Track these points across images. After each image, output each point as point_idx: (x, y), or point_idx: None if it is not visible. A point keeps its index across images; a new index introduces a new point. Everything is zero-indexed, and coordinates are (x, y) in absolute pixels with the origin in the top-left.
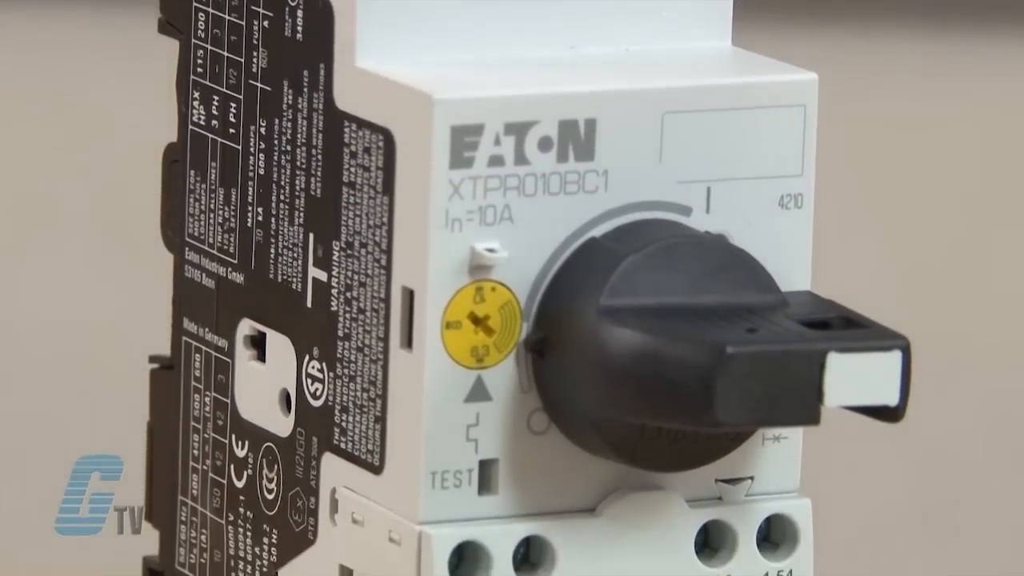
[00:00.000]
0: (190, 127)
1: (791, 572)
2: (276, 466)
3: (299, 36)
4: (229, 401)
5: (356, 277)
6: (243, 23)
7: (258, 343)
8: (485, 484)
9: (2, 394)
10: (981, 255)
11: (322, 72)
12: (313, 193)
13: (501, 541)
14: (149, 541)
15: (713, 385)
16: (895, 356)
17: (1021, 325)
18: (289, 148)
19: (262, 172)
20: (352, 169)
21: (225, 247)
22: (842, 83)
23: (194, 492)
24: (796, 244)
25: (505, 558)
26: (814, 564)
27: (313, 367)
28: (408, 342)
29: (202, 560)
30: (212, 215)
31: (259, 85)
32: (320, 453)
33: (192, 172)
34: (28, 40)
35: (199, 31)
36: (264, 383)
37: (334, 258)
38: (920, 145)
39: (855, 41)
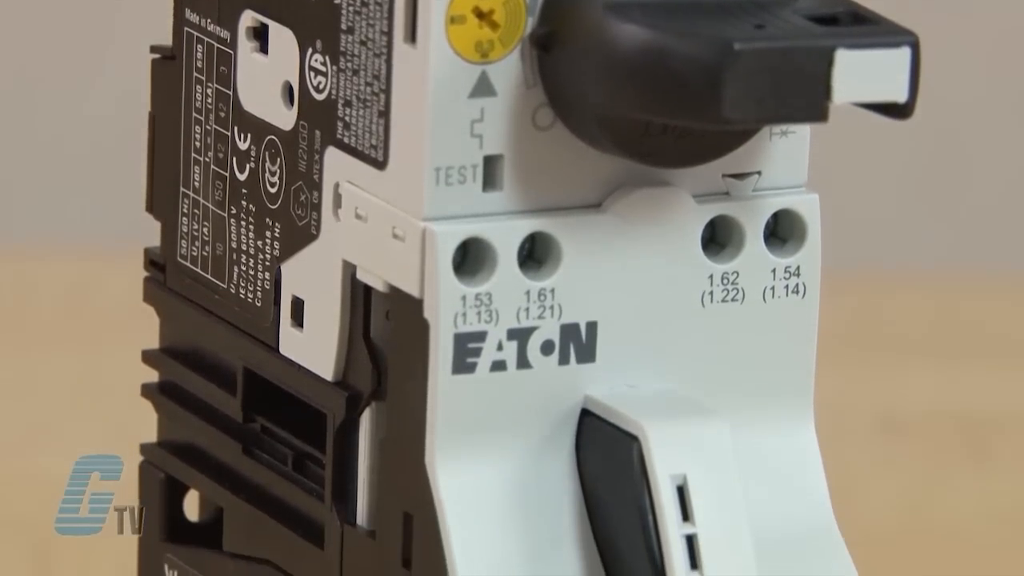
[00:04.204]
0: None
1: (798, 268)
2: (279, 159)
3: None
4: (231, 93)
5: None
6: None
7: (260, 34)
8: (490, 180)
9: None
10: None
11: None
12: None
13: (506, 237)
14: None
15: (720, 82)
16: (904, 52)
17: None
18: None
19: None
20: None
21: None
22: None
23: (196, 184)
24: None
25: (510, 254)
26: (821, 260)
27: (316, 60)
28: (412, 36)
29: (204, 253)
30: None
31: None
32: (323, 147)
33: None
34: None
35: None
36: (266, 75)
37: None
38: None
39: None
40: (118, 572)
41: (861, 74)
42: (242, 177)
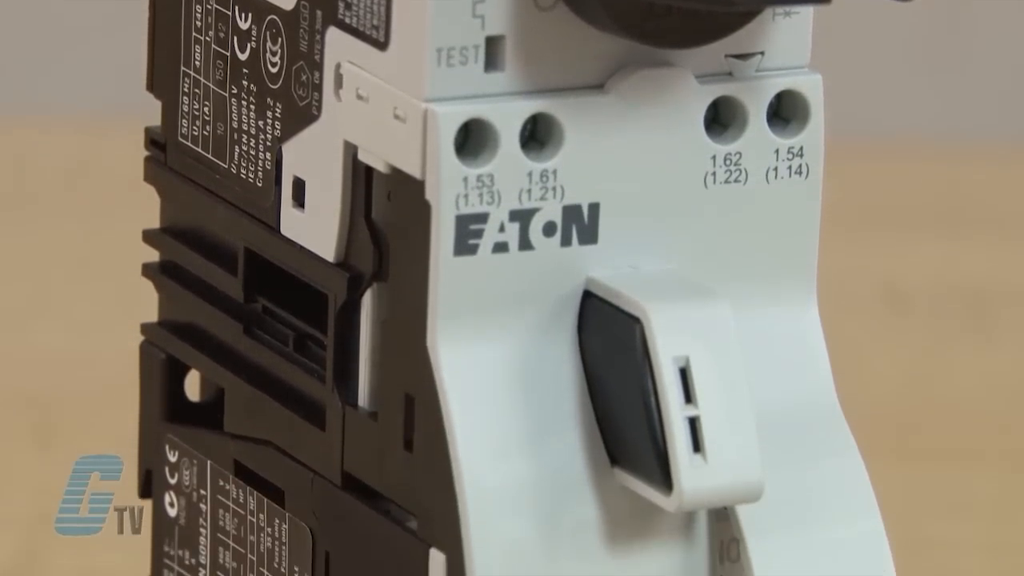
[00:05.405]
0: None
1: (801, 149)
2: (280, 39)
3: None
4: None
5: None
6: None
7: None
8: (492, 61)
9: None
10: None
11: None
12: None
13: (508, 118)
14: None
15: None
16: None
17: None
18: None
19: None
20: None
21: None
22: None
23: (196, 64)
24: None
25: (512, 135)
26: (824, 140)
27: None
28: None
29: (205, 132)
30: None
31: None
32: (324, 27)
33: None
34: None
35: None
36: None
37: None
38: None
39: None
40: (117, 443)
41: None
42: (243, 57)
